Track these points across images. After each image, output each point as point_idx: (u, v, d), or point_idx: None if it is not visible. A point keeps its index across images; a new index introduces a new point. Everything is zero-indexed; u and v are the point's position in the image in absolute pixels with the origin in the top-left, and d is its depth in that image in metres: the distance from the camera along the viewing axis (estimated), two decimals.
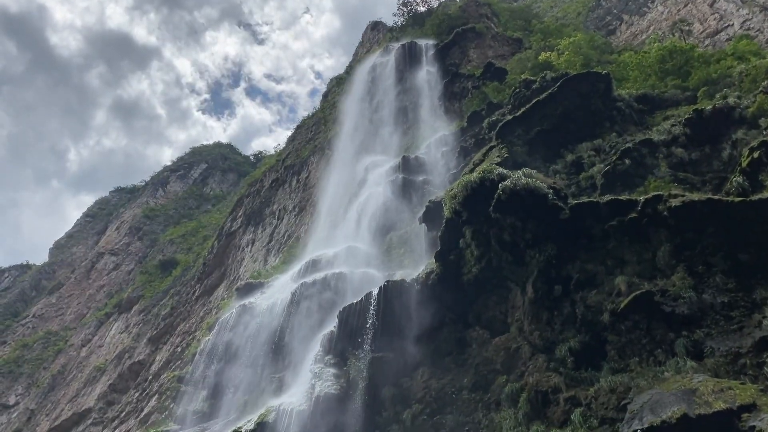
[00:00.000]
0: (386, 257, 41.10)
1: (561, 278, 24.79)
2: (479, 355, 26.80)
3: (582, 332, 22.81)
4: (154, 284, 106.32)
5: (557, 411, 20.88)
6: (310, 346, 32.00)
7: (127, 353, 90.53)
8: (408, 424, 25.57)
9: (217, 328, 39.88)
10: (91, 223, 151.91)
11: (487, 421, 23.74)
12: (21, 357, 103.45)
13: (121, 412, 79.62)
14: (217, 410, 36.12)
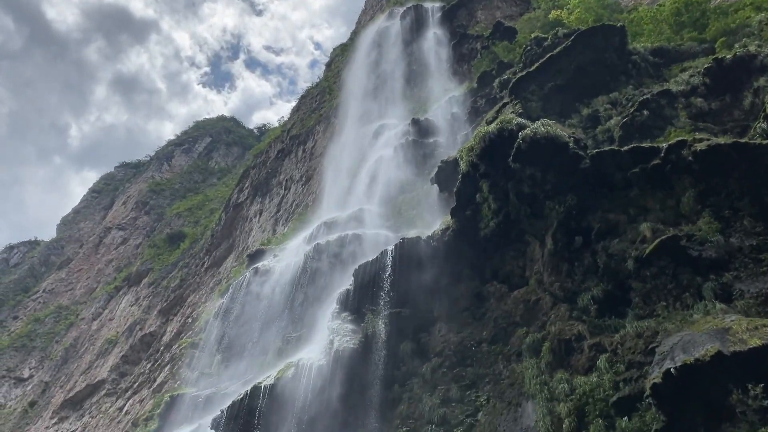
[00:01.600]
0: (398, 219, 40.78)
1: (581, 229, 24.43)
2: (498, 308, 26.59)
3: (604, 281, 22.49)
4: (163, 257, 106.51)
5: (581, 359, 20.68)
6: (325, 305, 31.89)
7: (138, 325, 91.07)
8: (428, 377, 25.48)
9: (231, 291, 39.78)
10: (97, 198, 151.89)
11: (508, 372, 23.60)
12: (33, 331, 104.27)
13: (134, 383, 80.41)
14: (232, 372, 36.18)
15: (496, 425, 21.68)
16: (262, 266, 39.50)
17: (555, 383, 20.48)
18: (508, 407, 21.99)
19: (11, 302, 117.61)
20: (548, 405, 20.09)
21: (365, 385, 25.77)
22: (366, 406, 25.24)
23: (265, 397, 25.28)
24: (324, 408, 25.10)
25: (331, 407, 25.13)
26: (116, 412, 78.88)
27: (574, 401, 19.27)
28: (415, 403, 24.78)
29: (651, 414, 16.48)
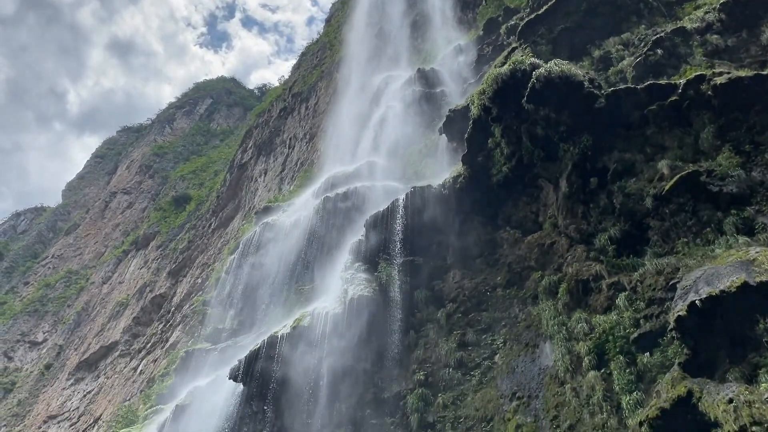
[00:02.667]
0: (406, 171, 40.41)
1: (597, 170, 24.04)
2: (512, 254, 26.41)
3: (621, 221, 22.19)
4: (169, 220, 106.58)
5: (599, 298, 20.56)
6: (337, 257, 31.82)
7: (148, 287, 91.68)
8: (443, 322, 25.51)
9: (242, 247, 39.72)
10: (100, 163, 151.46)
11: (524, 315, 23.56)
12: (45, 296, 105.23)
13: (146, 343, 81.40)
14: (246, 326, 36.38)
15: (514, 366, 21.73)
16: (271, 221, 39.34)
17: (573, 323, 20.43)
18: (526, 349, 22.01)
19: (21, 268, 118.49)
20: (567, 345, 20.07)
21: (380, 331, 25.82)
22: (382, 352, 25.34)
23: (282, 346, 25.37)
24: (340, 354, 25.21)
25: (347, 354, 25.23)
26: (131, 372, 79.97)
27: (594, 340, 19.23)
28: (432, 348, 24.86)
29: (673, 348, 16.43)
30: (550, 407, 18.96)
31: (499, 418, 20.29)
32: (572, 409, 18.29)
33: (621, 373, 17.53)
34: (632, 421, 16.02)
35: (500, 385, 21.60)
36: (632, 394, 16.70)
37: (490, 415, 20.79)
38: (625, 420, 16.59)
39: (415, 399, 22.72)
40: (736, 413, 12.68)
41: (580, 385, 18.70)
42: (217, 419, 27.30)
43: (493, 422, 20.42)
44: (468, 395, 22.23)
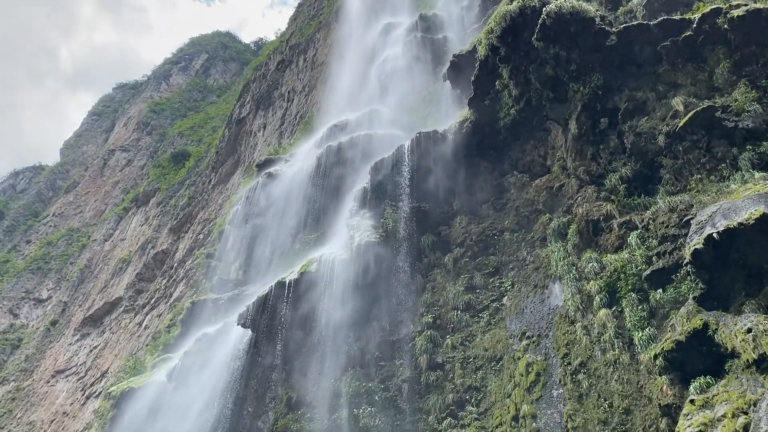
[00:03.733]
0: (410, 119, 39.76)
1: (607, 110, 23.57)
2: (519, 198, 26.16)
3: (632, 161, 21.83)
4: (169, 177, 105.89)
5: (610, 237, 20.37)
6: (342, 205, 31.56)
7: (150, 244, 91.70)
8: (450, 267, 25.41)
9: (244, 198, 39.43)
10: (97, 121, 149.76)
11: (532, 257, 23.43)
12: (47, 254, 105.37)
13: (150, 299, 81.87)
14: (252, 276, 36.35)
15: (523, 307, 21.70)
16: (274, 171, 38.92)
17: (583, 263, 20.29)
18: (534, 290, 21.95)
19: (22, 227, 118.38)
20: (577, 284, 19.99)
21: (388, 276, 25.75)
22: (389, 297, 25.32)
23: (290, 291, 25.33)
24: (348, 299, 25.20)
25: (355, 299, 25.22)
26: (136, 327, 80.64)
27: (605, 278, 19.13)
28: (439, 292, 24.83)
29: (687, 284, 16.31)
30: (561, 345, 18.97)
31: (509, 357, 20.35)
32: (583, 346, 18.30)
33: (633, 310, 17.46)
34: (645, 356, 16.02)
35: (509, 325, 21.62)
36: (645, 330, 16.65)
37: (499, 354, 20.86)
38: (637, 356, 16.61)
39: (424, 341, 22.79)
40: (755, 342, 12.59)
41: (591, 323, 18.68)
42: (225, 366, 27.50)
43: (503, 361, 20.50)
44: (477, 336, 22.28)
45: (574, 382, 17.64)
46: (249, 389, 26.38)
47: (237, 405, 26.33)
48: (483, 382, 20.60)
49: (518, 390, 18.79)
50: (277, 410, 24.57)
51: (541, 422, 17.35)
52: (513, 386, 19.16)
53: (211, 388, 27.18)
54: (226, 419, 26.16)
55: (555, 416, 17.19)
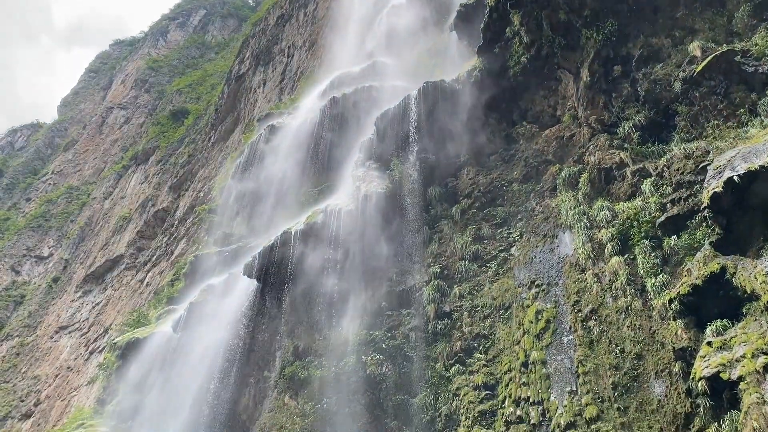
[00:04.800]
0: (415, 71, 38.87)
1: (620, 57, 22.98)
2: (528, 148, 25.73)
3: (646, 109, 21.37)
4: (168, 134, 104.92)
5: (623, 185, 20.08)
6: (347, 158, 31.12)
7: (150, 201, 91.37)
8: (457, 218, 25.15)
9: (247, 151, 38.92)
10: (95, 78, 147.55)
11: (541, 207, 23.15)
12: (47, 212, 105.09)
13: (152, 256, 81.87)
14: (255, 230, 36.07)
15: (532, 257, 21.52)
16: (277, 123, 38.31)
17: (595, 212, 20.04)
18: (544, 239, 21.73)
19: (22, 185, 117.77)
20: (588, 233, 19.77)
21: (394, 227, 25.51)
22: (396, 248, 25.14)
23: (296, 242, 25.12)
24: (354, 250, 25.02)
25: (361, 250, 25.03)
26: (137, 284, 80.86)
27: (617, 226, 18.91)
28: (446, 242, 24.62)
29: (702, 230, 16.09)
30: (571, 293, 18.84)
31: (518, 305, 20.25)
32: (594, 294, 18.16)
33: (646, 257, 17.28)
34: (658, 302, 15.89)
35: (517, 275, 21.46)
36: (658, 277, 16.50)
37: (507, 303, 20.76)
38: (650, 302, 16.48)
39: (431, 290, 22.68)
40: None
41: (602, 271, 18.51)
42: (232, 316, 27.48)
43: (511, 310, 20.41)
44: (485, 285, 22.15)
45: (584, 329, 17.55)
46: (256, 339, 26.41)
47: (244, 355, 26.41)
48: (491, 330, 20.55)
49: (527, 337, 18.73)
50: (284, 358, 24.63)
51: (551, 368, 17.32)
52: (522, 333, 19.10)
53: (217, 338, 27.20)
54: (233, 369, 26.26)
55: (565, 362, 17.15)
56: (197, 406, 26.34)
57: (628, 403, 15.10)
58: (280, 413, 23.36)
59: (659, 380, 14.89)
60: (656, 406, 14.49)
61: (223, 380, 26.29)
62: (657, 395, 14.69)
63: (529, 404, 17.00)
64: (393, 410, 20.66)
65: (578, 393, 16.08)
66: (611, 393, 15.48)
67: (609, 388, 15.63)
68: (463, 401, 18.80)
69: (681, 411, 13.79)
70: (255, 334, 26.34)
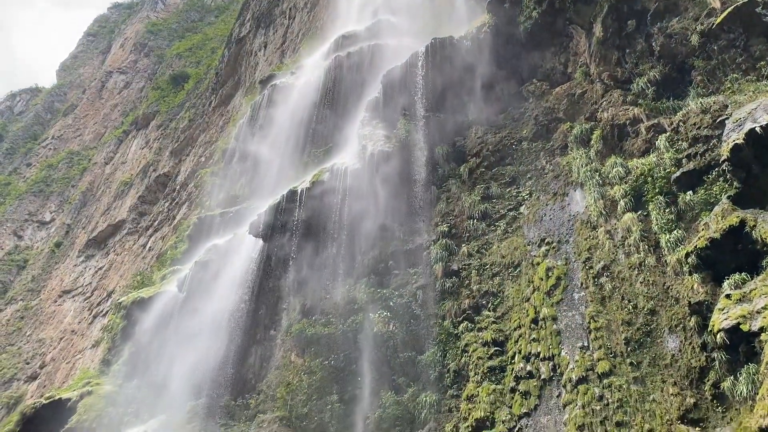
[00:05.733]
0: (422, 29, 38.05)
1: (635, 12, 22.34)
2: (538, 106, 25.24)
3: (661, 64, 20.87)
4: (168, 99, 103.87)
5: (637, 142, 19.69)
6: (352, 117, 30.60)
7: (152, 166, 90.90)
8: (465, 177, 24.79)
9: (250, 112, 38.35)
10: (93, 42, 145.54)
11: (551, 166, 22.79)
12: (48, 177, 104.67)
13: (153, 221, 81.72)
14: (259, 192, 35.68)
15: (542, 215, 21.23)
16: (280, 83, 37.65)
17: (607, 168, 19.69)
18: (554, 197, 21.41)
19: (22, 150, 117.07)
20: (600, 190, 19.45)
21: (401, 186, 25.18)
22: (403, 207, 24.85)
23: (302, 200, 24.83)
24: (360, 210, 24.74)
25: (368, 209, 24.75)
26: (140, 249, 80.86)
27: (630, 183, 18.59)
28: (454, 202, 24.31)
29: (719, 185, 15.77)
30: (582, 250, 18.60)
31: (527, 263, 20.03)
32: (606, 250, 17.92)
33: (660, 213, 16.99)
34: (673, 257, 15.65)
35: (527, 233, 21.20)
36: (672, 233, 16.23)
37: (517, 261, 20.54)
38: (663, 258, 16.23)
39: (439, 249, 22.45)
40: None
41: (614, 228, 18.24)
42: (237, 276, 27.33)
43: (521, 267, 20.20)
44: (493, 244, 21.91)
45: (596, 285, 17.35)
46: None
47: (249, 314, 26.32)
48: (500, 288, 20.37)
49: (537, 294, 18.55)
50: (290, 317, 24.55)
51: (562, 324, 17.17)
52: (532, 290, 18.92)
53: (222, 298, 27.10)
54: (239, 329, 26.20)
55: (576, 318, 16.99)
56: (203, 365, 26.35)
57: (641, 358, 14.96)
58: (287, 371, 23.36)
59: (673, 335, 14.73)
60: (670, 361, 14.36)
61: (228, 339, 26.25)
62: (670, 350, 14.55)
63: (539, 360, 16.89)
64: (400, 367, 20.61)
65: (590, 348, 15.95)
66: (624, 348, 15.35)
67: (621, 343, 15.49)
68: (472, 357, 18.72)
69: (695, 365, 13.66)
70: (261, 294, 26.21)
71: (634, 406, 14.08)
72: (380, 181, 24.98)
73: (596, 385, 14.99)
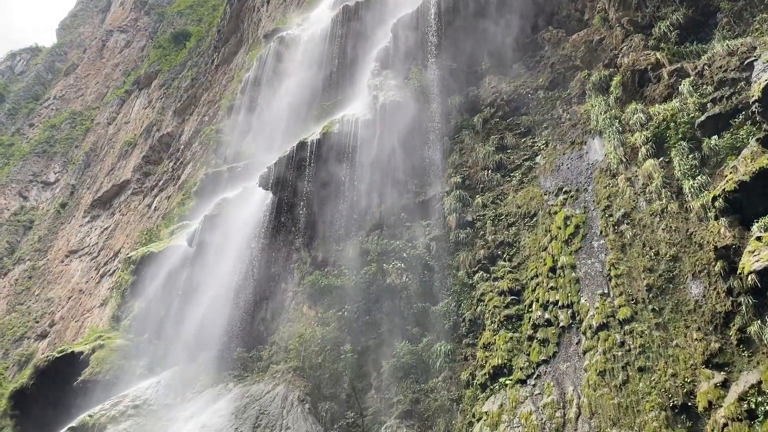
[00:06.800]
0: None
1: None
2: (554, 54, 24.58)
3: (684, 7, 20.07)
4: (170, 58, 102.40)
5: (658, 87, 19.07)
6: (362, 68, 29.95)
7: (155, 126, 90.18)
8: (479, 128, 24.28)
9: (256, 65, 37.57)
10: (93, 0, 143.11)
11: (568, 114, 22.25)
12: (51, 137, 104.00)
13: (158, 181, 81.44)
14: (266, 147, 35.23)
15: (559, 164, 20.79)
16: (287, 35, 36.79)
17: (628, 115, 19.14)
18: (571, 146, 20.94)
19: (24, 110, 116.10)
20: (620, 137, 18.96)
21: (413, 137, 24.71)
22: (415, 158, 24.42)
23: (313, 152, 24.40)
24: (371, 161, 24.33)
25: (379, 160, 24.34)
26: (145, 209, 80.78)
27: (651, 129, 18.07)
28: (468, 153, 23.86)
29: (746, 128, 15.30)
30: (602, 198, 18.22)
31: (544, 212, 19.69)
32: (626, 198, 17.54)
33: (683, 158, 16.52)
34: (696, 203, 15.26)
35: (543, 183, 20.81)
36: (696, 179, 15.79)
37: (533, 211, 20.19)
38: (687, 204, 15.84)
39: (453, 200, 22.10)
40: None
41: (635, 175, 17.82)
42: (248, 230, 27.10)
43: (537, 217, 19.86)
44: (508, 194, 21.54)
45: (616, 233, 17.02)
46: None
47: (260, 269, 26.18)
48: (516, 238, 20.08)
49: (555, 243, 18.25)
50: (302, 269, 24.38)
51: (581, 272, 16.91)
52: (549, 240, 18.61)
53: (233, 252, 26.94)
54: (249, 283, 26.10)
55: (596, 266, 16.72)
56: (214, 319, 26.35)
57: (663, 304, 14.71)
58: (299, 323, 23.31)
59: (696, 281, 14.45)
60: (693, 307, 14.10)
61: (239, 293, 26.18)
62: (694, 296, 14.28)
63: (557, 307, 16.68)
64: (414, 318, 20.48)
65: (610, 295, 15.71)
66: (645, 295, 15.09)
67: (643, 290, 15.23)
68: (488, 306, 18.53)
69: (720, 310, 13.40)
70: (271, 247, 26.00)
71: (656, 351, 13.88)
72: (392, 132, 24.50)
73: (617, 332, 14.79)
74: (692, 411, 12.61)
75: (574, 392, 14.67)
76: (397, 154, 24.49)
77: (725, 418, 11.51)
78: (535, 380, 15.76)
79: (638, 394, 13.37)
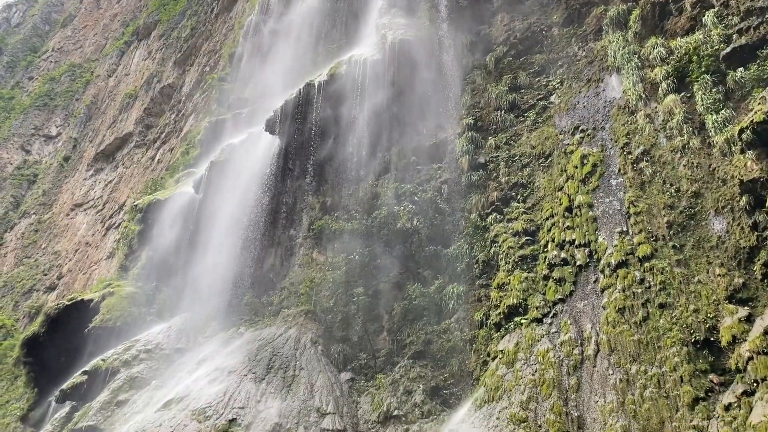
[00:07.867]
0: None
1: None
2: None
3: None
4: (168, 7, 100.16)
5: (680, 20, 18.29)
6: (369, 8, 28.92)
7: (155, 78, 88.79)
8: (491, 67, 23.56)
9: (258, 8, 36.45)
10: None
11: (584, 52, 21.50)
12: (51, 90, 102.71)
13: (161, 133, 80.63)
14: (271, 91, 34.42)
15: (575, 103, 20.18)
16: None
17: (647, 50, 18.43)
18: (588, 84, 20.29)
19: (23, 63, 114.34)
20: (639, 73, 18.31)
21: (422, 78, 24.00)
22: (424, 100, 23.77)
23: (320, 94, 23.75)
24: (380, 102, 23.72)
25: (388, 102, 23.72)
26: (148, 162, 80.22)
27: (673, 64, 17.40)
28: (479, 94, 23.22)
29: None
30: (620, 136, 17.70)
31: (560, 152, 19.20)
32: (646, 135, 17.02)
33: (706, 92, 15.92)
34: (720, 138, 14.75)
35: (558, 122, 20.24)
36: (720, 113, 15.24)
37: (548, 151, 19.70)
38: (709, 139, 15.33)
39: (465, 142, 21.58)
40: None
41: (655, 112, 17.25)
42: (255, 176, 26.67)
43: (552, 157, 19.39)
44: (522, 135, 21.02)
45: (635, 171, 16.58)
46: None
47: (269, 215, 25.87)
48: (530, 179, 19.66)
49: (572, 182, 17.83)
50: (311, 215, 24.09)
51: (599, 210, 16.54)
52: (565, 179, 18.19)
53: (240, 198, 26.59)
54: (258, 229, 25.82)
55: (614, 204, 16.34)
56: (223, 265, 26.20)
57: (684, 241, 14.39)
58: (309, 269, 23.14)
59: (719, 217, 14.08)
60: (716, 243, 13.78)
61: (248, 240, 25.95)
62: (716, 232, 13.94)
63: (574, 247, 16.39)
64: (426, 261, 20.27)
65: (629, 233, 15.38)
66: (666, 232, 14.75)
67: (663, 227, 14.88)
68: (502, 247, 18.26)
69: (745, 245, 13.08)
70: (279, 193, 25.65)
71: (677, 288, 13.62)
72: (401, 73, 23.80)
73: (637, 269, 14.52)
74: (715, 346, 12.43)
75: (592, 330, 14.50)
76: (407, 95, 23.84)
77: (750, 352, 11.32)
78: (552, 319, 15.59)
79: (659, 331, 13.17)
